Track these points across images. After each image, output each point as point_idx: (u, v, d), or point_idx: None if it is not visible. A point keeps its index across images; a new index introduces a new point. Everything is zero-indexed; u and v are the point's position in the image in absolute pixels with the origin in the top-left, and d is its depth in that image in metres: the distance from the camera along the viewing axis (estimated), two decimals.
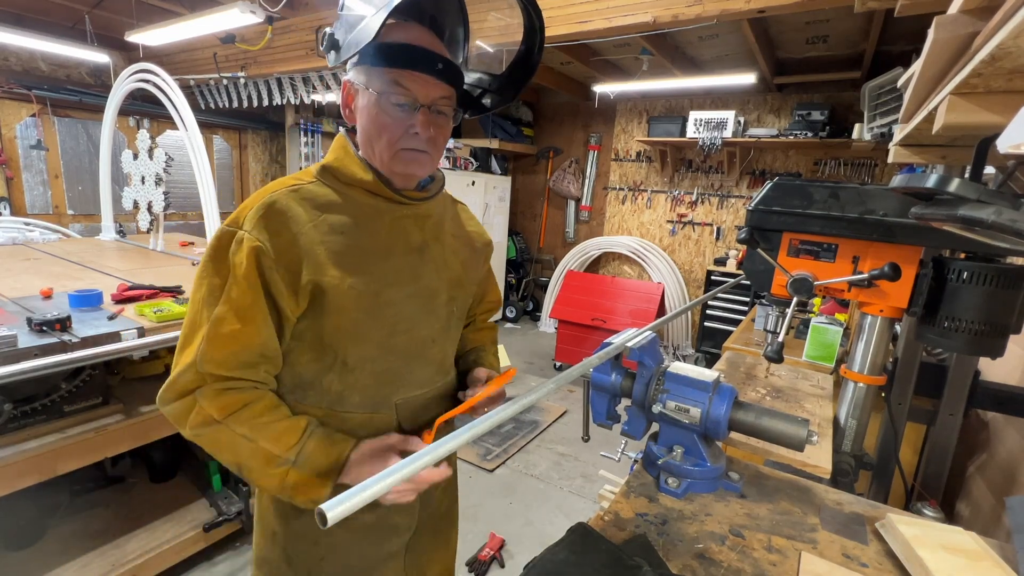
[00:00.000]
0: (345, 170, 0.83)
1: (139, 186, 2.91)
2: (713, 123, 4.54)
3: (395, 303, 0.85)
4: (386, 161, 0.82)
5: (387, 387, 0.88)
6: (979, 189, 0.56)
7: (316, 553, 0.90)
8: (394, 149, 0.80)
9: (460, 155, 5.23)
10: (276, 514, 0.91)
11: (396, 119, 0.79)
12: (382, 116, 0.79)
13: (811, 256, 1.05)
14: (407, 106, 0.78)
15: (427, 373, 0.93)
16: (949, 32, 0.73)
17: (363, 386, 0.85)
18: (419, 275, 0.88)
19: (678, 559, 0.74)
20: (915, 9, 1.18)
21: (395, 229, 0.86)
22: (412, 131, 0.79)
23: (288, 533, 0.90)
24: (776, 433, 0.85)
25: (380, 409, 0.88)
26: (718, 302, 4.79)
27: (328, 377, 0.84)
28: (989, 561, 0.72)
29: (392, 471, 0.50)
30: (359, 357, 0.84)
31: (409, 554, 0.98)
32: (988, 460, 1.56)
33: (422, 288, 0.89)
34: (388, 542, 0.94)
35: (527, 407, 0.66)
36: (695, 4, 2.65)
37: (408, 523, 0.97)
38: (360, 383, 0.85)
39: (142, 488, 2.22)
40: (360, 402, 0.86)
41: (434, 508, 1.02)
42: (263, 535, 0.94)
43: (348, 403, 0.85)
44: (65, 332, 1.53)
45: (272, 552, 0.92)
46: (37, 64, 5.07)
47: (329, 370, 0.84)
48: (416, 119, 0.79)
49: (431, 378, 0.94)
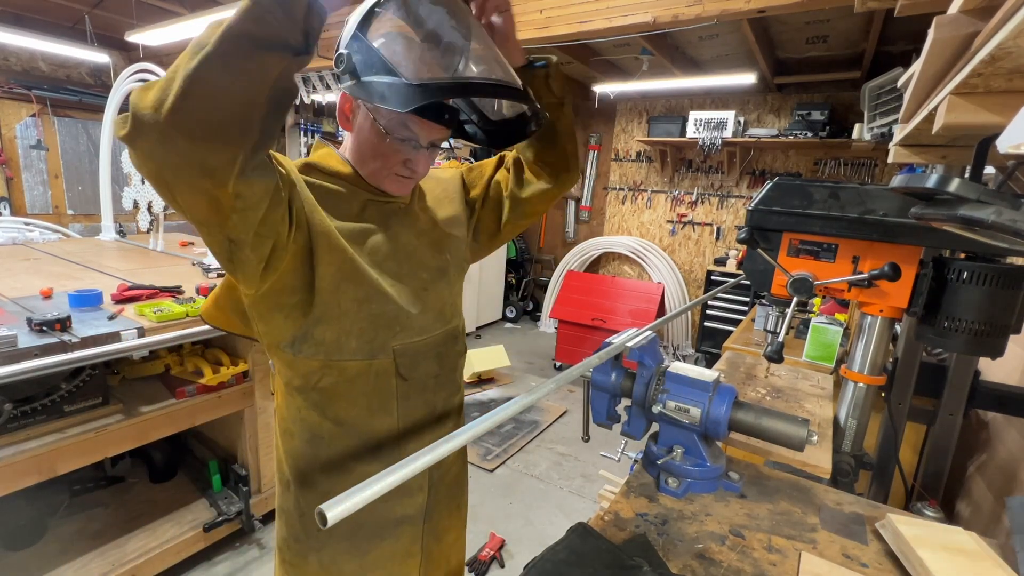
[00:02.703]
0: (326, 164, 0.87)
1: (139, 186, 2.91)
2: (713, 123, 4.54)
3: (381, 257, 0.88)
4: (377, 179, 0.87)
5: (384, 331, 0.88)
6: (979, 189, 0.56)
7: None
8: (387, 173, 0.86)
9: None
10: (288, 464, 0.93)
11: (396, 151, 0.83)
12: (383, 147, 0.83)
13: (811, 256, 1.05)
14: (409, 143, 0.83)
15: (425, 320, 0.93)
16: (949, 32, 0.72)
17: (359, 330, 0.86)
18: (399, 237, 0.91)
19: (678, 559, 0.74)
20: (915, 9, 1.18)
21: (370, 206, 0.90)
22: (409, 164, 0.85)
23: (300, 484, 0.92)
24: (776, 433, 0.85)
25: (378, 355, 0.88)
26: (718, 302, 4.79)
27: (321, 327, 0.84)
28: (989, 561, 0.72)
29: (392, 471, 0.50)
30: (352, 298, 0.84)
31: (427, 522, 1.00)
32: (988, 460, 1.56)
33: (404, 245, 0.92)
34: (401, 503, 0.96)
35: (527, 407, 0.66)
36: (695, 4, 2.65)
37: (419, 483, 0.97)
38: (356, 327, 0.85)
39: (142, 488, 2.22)
40: (357, 347, 0.86)
41: (445, 470, 1.03)
42: (281, 483, 0.96)
43: (345, 350, 0.86)
44: (65, 332, 1.53)
45: (287, 502, 0.94)
46: (37, 64, 5.07)
47: (322, 317, 0.83)
48: (415, 155, 0.84)
49: (430, 324, 0.95)
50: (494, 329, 5.90)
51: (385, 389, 0.90)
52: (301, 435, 0.91)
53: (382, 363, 0.89)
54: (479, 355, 4.13)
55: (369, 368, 0.88)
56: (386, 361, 0.89)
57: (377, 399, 0.90)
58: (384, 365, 0.89)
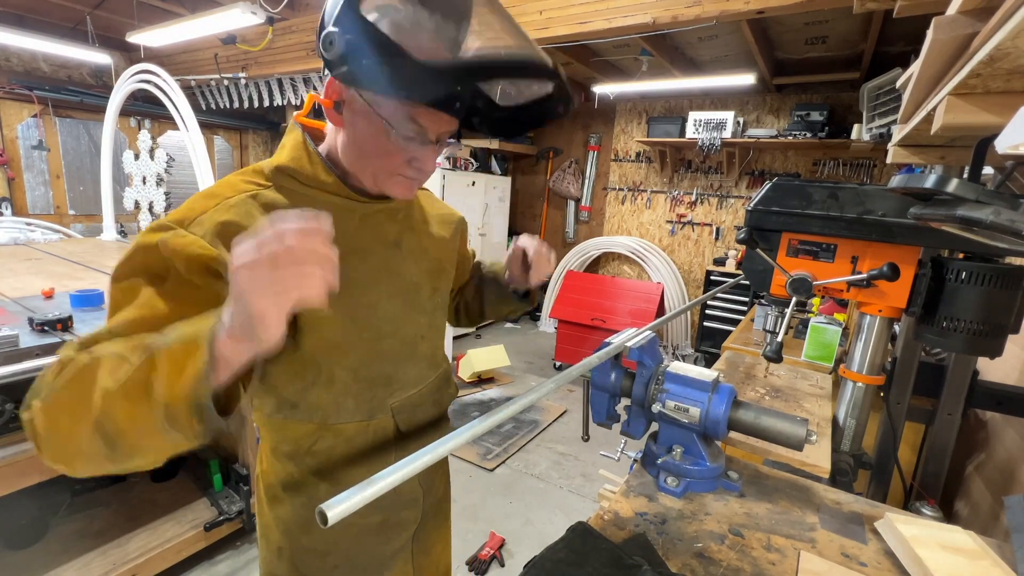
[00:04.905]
0: (305, 172, 0.74)
1: (140, 186, 2.92)
2: (712, 123, 4.54)
3: (378, 305, 0.80)
4: (378, 182, 0.75)
5: (381, 390, 0.83)
6: (977, 189, 0.56)
7: (328, 564, 0.88)
8: (391, 174, 0.74)
9: (460, 155, 5.23)
10: (280, 530, 0.87)
11: (401, 149, 0.71)
12: (387, 145, 0.71)
13: (810, 256, 1.05)
14: (416, 139, 0.70)
15: (419, 370, 0.89)
16: (948, 33, 0.73)
17: (356, 392, 0.81)
18: (399, 271, 0.84)
19: (677, 558, 0.75)
20: (914, 10, 1.19)
21: (367, 225, 0.80)
22: (415, 163, 0.73)
23: (296, 548, 0.87)
24: (775, 432, 0.85)
25: (376, 415, 0.84)
26: (717, 302, 4.79)
27: (314, 392, 0.78)
28: (987, 560, 0.72)
29: (391, 471, 0.50)
30: (345, 367, 0.79)
31: (416, 542, 0.98)
32: (986, 459, 1.56)
33: (405, 284, 0.85)
34: (397, 538, 0.93)
35: (527, 407, 0.66)
36: (695, 5, 2.65)
37: (414, 516, 0.95)
38: (352, 390, 0.80)
39: (143, 487, 2.22)
40: (355, 409, 0.81)
41: (435, 495, 1.02)
42: (269, 550, 0.89)
43: (342, 413, 0.80)
44: (66, 332, 1.53)
45: (280, 567, 0.88)
46: (39, 65, 5.08)
47: (313, 385, 0.78)
48: (422, 152, 0.72)
49: (424, 374, 0.91)
50: (494, 329, 5.90)
51: (383, 443, 0.86)
52: (293, 500, 0.84)
53: (380, 422, 0.84)
54: (479, 355, 4.13)
55: (367, 428, 0.83)
56: (385, 419, 0.85)
57: (376, 454, 0.86)
58: (383, 423, 0.85)
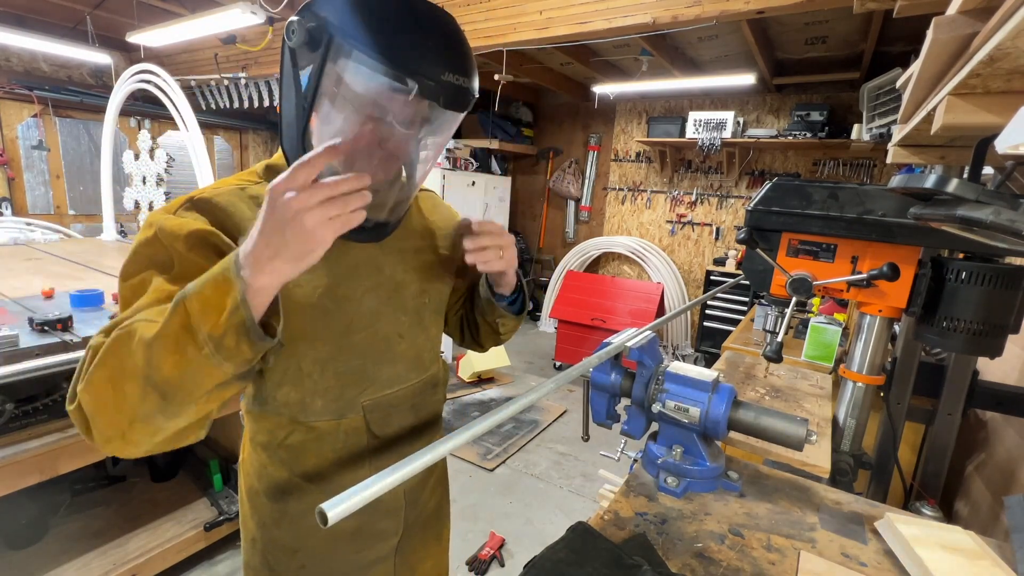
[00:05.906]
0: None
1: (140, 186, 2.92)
2: (712, 123, 4.54)
3: (352, 299, 0.79)
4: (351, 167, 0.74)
5: (351, 388, 0.82)
6: (977, 189, 0.56)
7: (295, 562, 0.86)
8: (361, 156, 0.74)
9: (460, 155, 5.23)
10: (254, 520, 0.87)
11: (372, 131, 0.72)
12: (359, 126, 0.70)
13: (810, 256, 1.05)
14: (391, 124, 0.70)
15: (396, 370, 0.87)
16: (948, 33, 0.73)
17: (324, 389, 0.80)
18: (379, 266, 0.83)
19: (677, 558, 0.75)
20: (914, 10, 1.19)
21: None
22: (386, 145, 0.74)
23: (266, 540, 0.86)
24: (775, 432, 0.85)
25: (347, 413, 0.82)
26: (717, 302, 4.80)
27: (283, 389, 0.78)
28: (987, 560, 0.72)
29: (391, 471, 0.50)
30: (313, 360, 0.78)
31: (399, 555, 0.95)
32: (986, 459, 1.56)
33: (385, 280, 0.83)
34: (373, 548, 0.91)
35: (527, 407, 0.66)
36: (695, 5, 2.65)
37: (394, 527, 0.92)
38: (320, 387, 0.79)
39: (143, 487, 2.22)
40: (324, 407, 0.80)
41: (421, 508, 0.99)
42: (246, 539, 0.90)
43: (311, 411, 0.80)
44: (66, 332, 1.53)
45: (253, 558, 0.89)
46: (39, 65, 5.08)
47: (282, 381, 0.78)
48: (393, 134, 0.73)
49: (402, 375, 0.88)
50: None
51: (356, 445, 0.85)
52: (267, 491, 0.85)
53: (351, 421, 0.83)
54: (479, 355, 4.13)
55: (338, 427, 0.82)
56: (356, 419, 0.83)
57: (348, 456, 0.84)
58: (354, 423, 0.83)
